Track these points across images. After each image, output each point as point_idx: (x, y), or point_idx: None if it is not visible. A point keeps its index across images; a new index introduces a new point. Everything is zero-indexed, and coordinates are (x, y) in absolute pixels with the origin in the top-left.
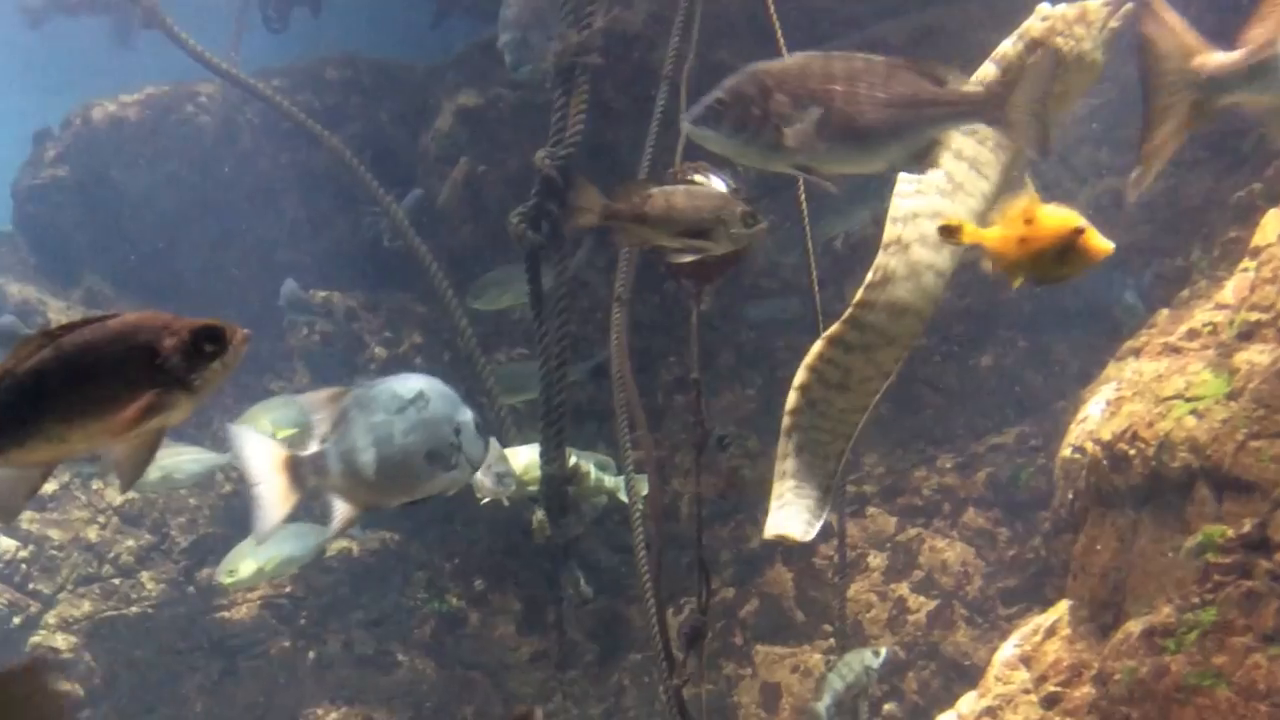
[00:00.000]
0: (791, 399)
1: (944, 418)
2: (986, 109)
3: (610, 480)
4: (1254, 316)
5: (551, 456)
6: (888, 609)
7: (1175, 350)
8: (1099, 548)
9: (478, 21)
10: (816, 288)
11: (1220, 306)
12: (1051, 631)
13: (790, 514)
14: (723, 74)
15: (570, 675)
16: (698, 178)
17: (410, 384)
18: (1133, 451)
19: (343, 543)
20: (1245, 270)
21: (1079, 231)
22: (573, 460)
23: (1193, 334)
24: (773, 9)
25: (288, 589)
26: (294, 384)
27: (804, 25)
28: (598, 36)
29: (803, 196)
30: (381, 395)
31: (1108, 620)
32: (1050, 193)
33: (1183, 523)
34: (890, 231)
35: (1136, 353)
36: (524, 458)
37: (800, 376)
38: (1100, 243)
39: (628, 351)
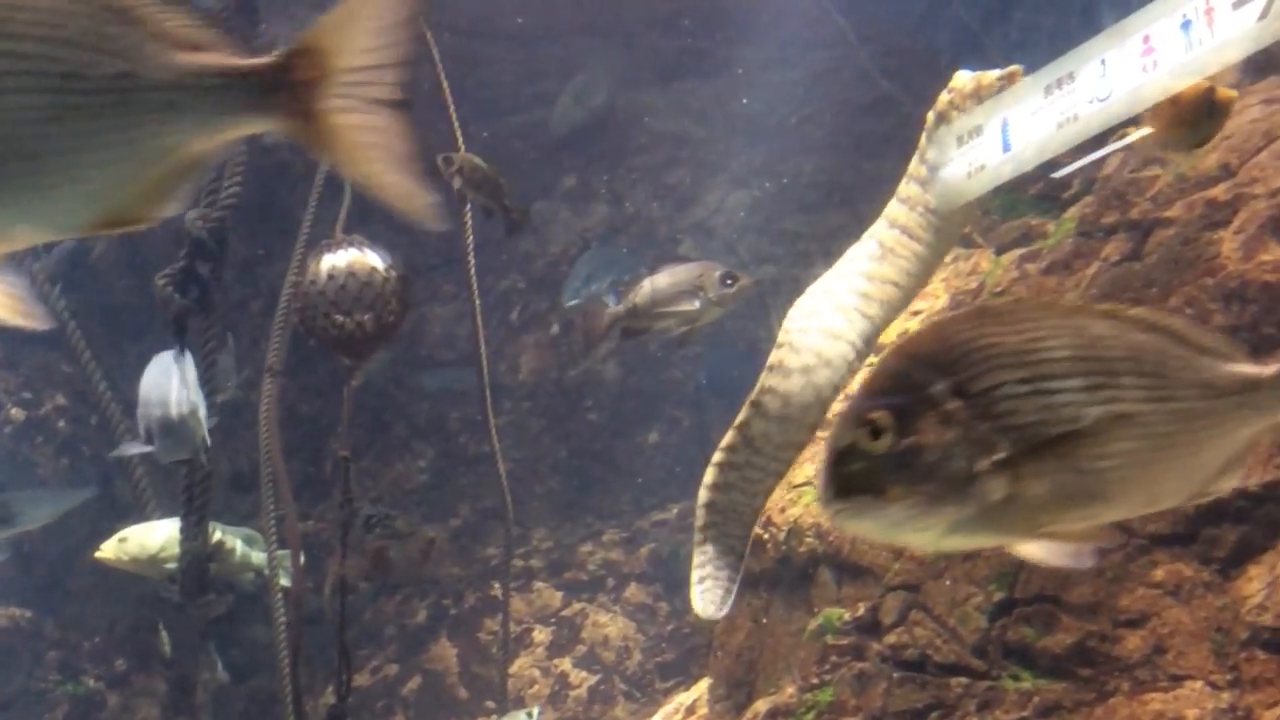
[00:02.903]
0: (702, 496)
1: (611, 493)
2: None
3: (258, 557)
4: None
5: (192, 532)
6: (550, 684)
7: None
8: (736, 627)
9: None
10: (485, 363)
11: (850, 398)
12: (691, 710)
13: (711, 592)
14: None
15: None
16: (354, 249)
17: None
18: (766, 536)
19: None
20: (871, 365)
21: (1210, 89)
22: (217, 536)
23: (826, 424)
24: (445, 85)
25: None
26: None
27: (488, 99)
28: None
29: (472, 269)
30: None
31: (742, 699)
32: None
33: (807, 605)
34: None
35: None
36: (163, 533)
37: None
38: (1227, 91)
39: (278, 422)
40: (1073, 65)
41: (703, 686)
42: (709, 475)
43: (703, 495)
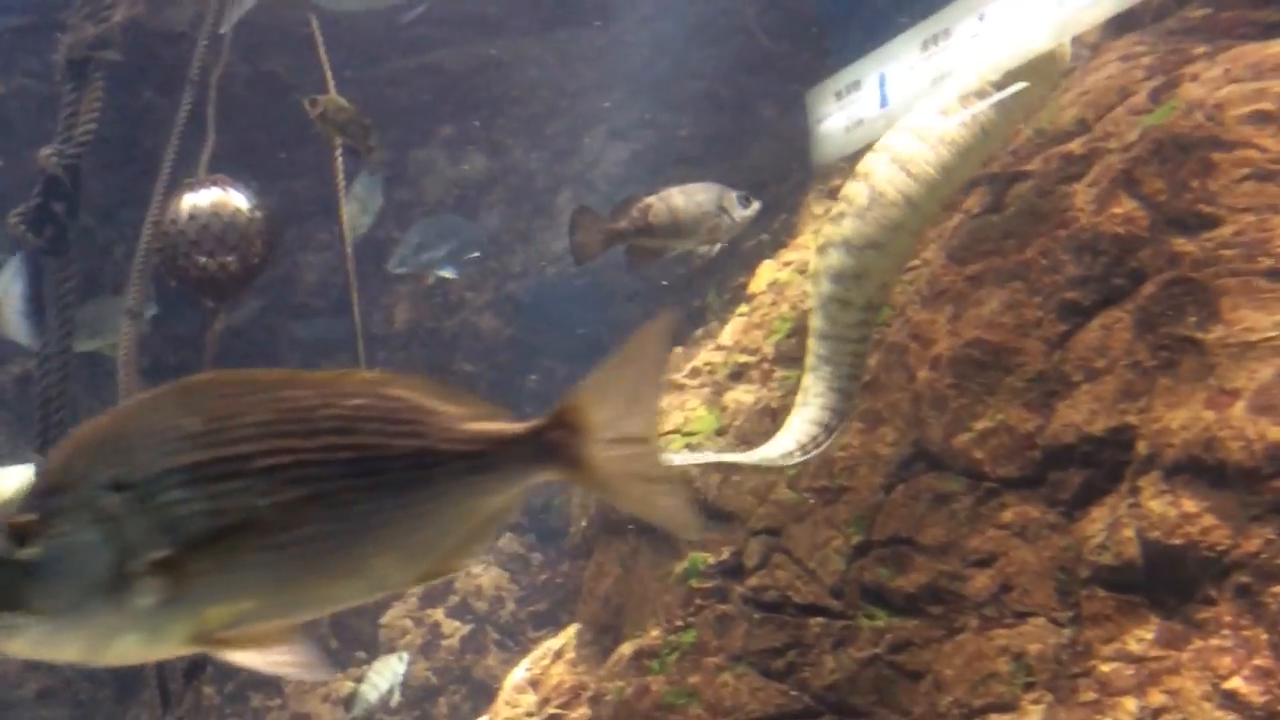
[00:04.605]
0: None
1: None
2: None
3: None
4: (743, 358)
5: None
6: (422, 634)
7: (679, 387)
8: (604, 573)
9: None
10: (358, 312)
11: (720, 347)
12: (559, 654)
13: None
14: (275, 84)
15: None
16: (217, 188)
17: None
18: None
19: None
20: (741, 314)
21: None
22: None
23: (695, 372)
24: (316, 27)
25: None
26: None
27: (364, 45)
28: (116, 31)
29: (344, 217)
30: None
31: (609, 643)
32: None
33: (675, 550)
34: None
35: None
36: (16, 479)
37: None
38: None
39: (137, 367)
40: (949, 22)
41: (571, 632)
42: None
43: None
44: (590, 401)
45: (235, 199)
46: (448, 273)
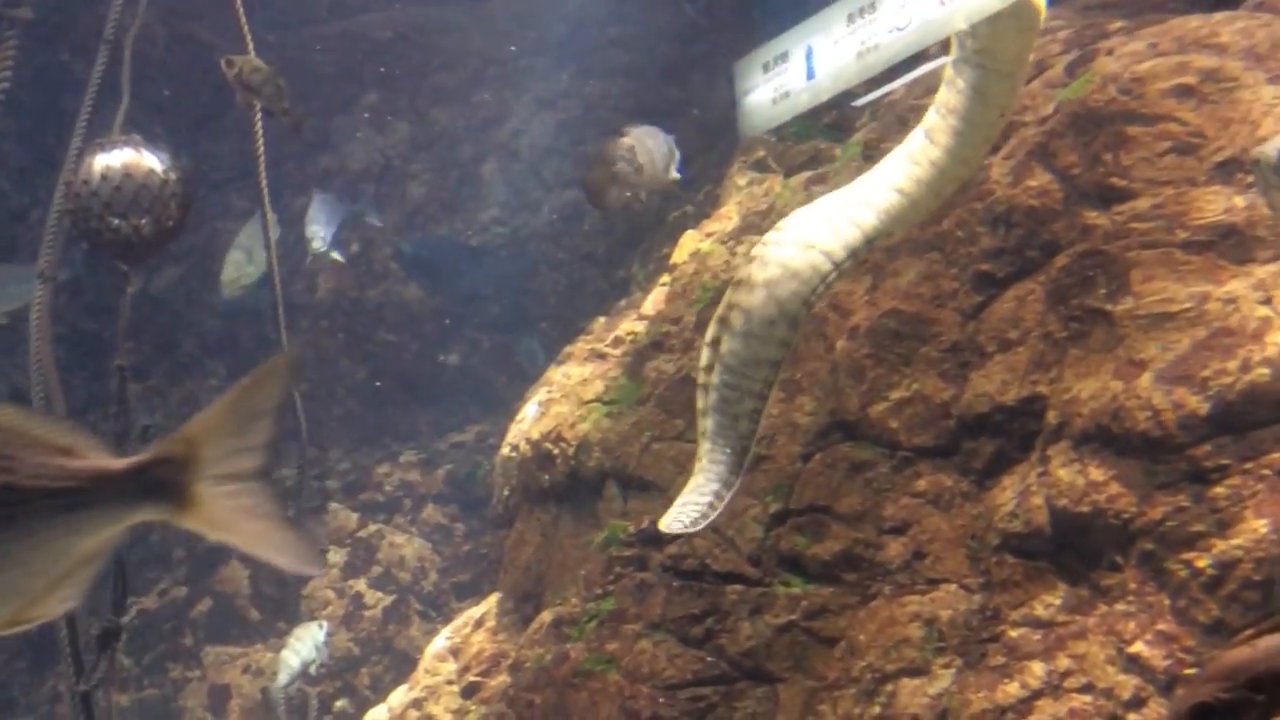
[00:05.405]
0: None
1: (409, 414)
2: None
3: None
4: (665, 328)
5: None
6: (345, 605)
7: (601, 356)
8: (525, 542)
9: None
10: (278, 280)
11: (642, 317)
12: (480, 623)
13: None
14: (196, 49)
15: None
16: (129, 149)
17: None
18: (556, 451)
19: None
20: (664, 284)
21: None
22: None
23: (618, 341)
24: None
25: None
26: None
27: (286, 8)
28: None
29: (264, 183)
30: None
31: (529, 611)
32: (521, 198)
33: (596, 519)
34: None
35: (571, 357)
36: None
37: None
38: None
39: (56, 339)
40: None
41: (491, 601)
42: (697, 398)
43: (698, 420)
44: (200, 437)
45: (149, 160)
46: (335, 255)
